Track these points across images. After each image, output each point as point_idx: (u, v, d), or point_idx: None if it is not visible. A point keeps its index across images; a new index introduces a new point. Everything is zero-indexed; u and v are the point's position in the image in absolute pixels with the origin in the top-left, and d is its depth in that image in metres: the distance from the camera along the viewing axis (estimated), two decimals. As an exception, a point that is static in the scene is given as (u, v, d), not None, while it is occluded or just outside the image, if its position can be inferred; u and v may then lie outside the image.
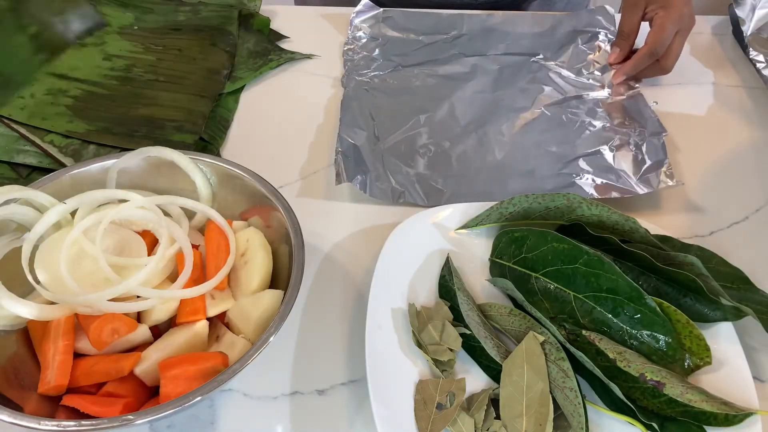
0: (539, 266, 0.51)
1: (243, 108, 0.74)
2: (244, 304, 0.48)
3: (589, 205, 0.53)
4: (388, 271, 0.53)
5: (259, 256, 0.49)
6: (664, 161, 0.63)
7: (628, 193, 0.61)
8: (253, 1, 0.87)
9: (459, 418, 0.45)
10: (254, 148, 0.69)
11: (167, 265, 0.49)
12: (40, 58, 0.74)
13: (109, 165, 0.53)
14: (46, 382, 0.43)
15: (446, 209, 0.58)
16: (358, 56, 0.79)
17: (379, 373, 0.46)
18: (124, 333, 0.45)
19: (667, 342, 0.47)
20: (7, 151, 0.65)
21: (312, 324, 0.53)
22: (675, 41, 0.72)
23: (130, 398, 0.44)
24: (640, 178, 0.62)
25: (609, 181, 0.63)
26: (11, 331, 0.47)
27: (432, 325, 0.50)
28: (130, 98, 0.71)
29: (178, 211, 0.53)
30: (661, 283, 0.51)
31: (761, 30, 0.80)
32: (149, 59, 0.77)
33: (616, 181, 0.63)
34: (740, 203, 0.63)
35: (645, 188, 0.61)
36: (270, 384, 0.50)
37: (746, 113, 0.73)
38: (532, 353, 0.46)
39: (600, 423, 0.45)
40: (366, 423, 0.48)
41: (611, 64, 0.76)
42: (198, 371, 0.43)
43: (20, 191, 0.48)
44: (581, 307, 0.49)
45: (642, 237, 0.52)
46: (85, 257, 0.48)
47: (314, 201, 0.63)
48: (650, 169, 0.63)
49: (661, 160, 0.63)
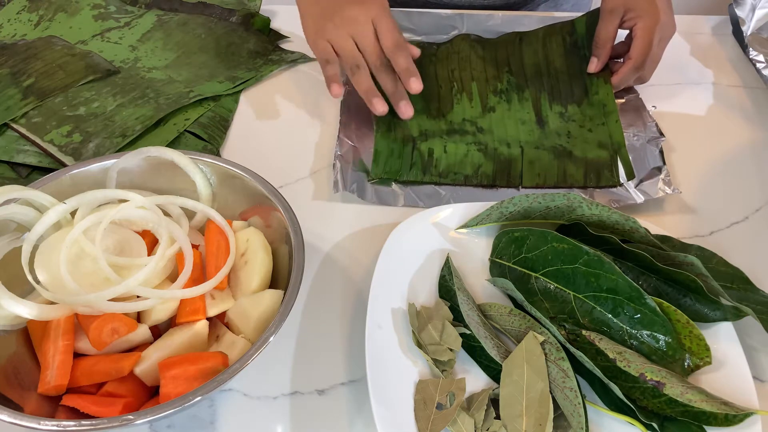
0: (539, 266, 0.51)
1: (243, 108, 0.74)
2: (244, 304, 0.48)
3: (589, 205, 0.53)
4: (388, 271, 0.53)
5: (259, 256, 0.49)
6: (662, 168, 0.63)
7: (626, 201, 0.61)
8: (253, 1, 0.87)
9: (459, 418, 0.45)
10: (254, 148, 0.69)
11: (167, 265, 0.49)
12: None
13: (109, 165, 0.53)
14: (46, 382, 0.43)
15: (446, 209, 0.58)
16: None
17: (379, 373, 0.46)
18: (124, 333, 0.45)
19: (667, 342, 0.47)
20: (7, 150, 0.65)
21: (312, 324, 0.53)
22: (655, 50, 0.69)
23: (130, 398, 0.44)
24: (638, 187, 0.62)
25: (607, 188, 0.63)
26: (11, 331, 0.47)
27: (432, 325, 0.50)
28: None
29: (178, 211, 0.53)
30: (661, 283, 0.51)
31: (761, 30, 0.80)
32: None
33: (614, 189, 0.63)
34: (740, 203, 0.63)
35: (642, 197, 0.61)
36: (270, 384, 0.50)
37: (746, 113, 0.73)
38: (532, 353, 0.46)
39: (600, 423, 0.45)
40: (366, 423, 0.48)
41: (591, 73, 0.74)
42: (198, 371, 0.43)
43: (20, 191, 0.48)
44: (581, 307, 0.49)
45: (642, 237, 0.52)
46: (85, 257, 0.48)
47: (314, 201, 0.63)
48: (649, 176, 0.63)
49: (659, 167, 0.63)
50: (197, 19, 0.84)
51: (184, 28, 0.83)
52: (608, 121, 0.69)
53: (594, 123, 0.69)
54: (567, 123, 0.70)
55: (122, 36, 0.82)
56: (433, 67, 0.76)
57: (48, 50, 0.76)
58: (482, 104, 0.72)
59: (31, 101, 0.70)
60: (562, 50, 0.77)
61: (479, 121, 0.70)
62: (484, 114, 0.71)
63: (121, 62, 0.78)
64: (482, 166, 0.65)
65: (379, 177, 0.64)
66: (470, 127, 0.69)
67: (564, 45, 0.77)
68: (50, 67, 0.74)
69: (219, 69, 0.77)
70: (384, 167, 0.64)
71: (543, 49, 0.77)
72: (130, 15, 0.85)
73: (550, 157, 0.65)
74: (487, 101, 0.72)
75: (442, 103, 0.72)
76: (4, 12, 0.84)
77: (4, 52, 0.76)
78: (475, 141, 0.67)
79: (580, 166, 0.65)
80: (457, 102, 0.72)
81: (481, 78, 0.75)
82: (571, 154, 0.66)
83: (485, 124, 0.70)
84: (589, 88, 0.73)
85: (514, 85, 0.74)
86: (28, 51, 0.76)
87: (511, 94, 0.73)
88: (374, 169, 0.64)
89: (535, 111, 0.71)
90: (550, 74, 0.75)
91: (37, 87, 0.72)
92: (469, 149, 0.66)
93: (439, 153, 0.66)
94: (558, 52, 0.77)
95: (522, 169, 0.65)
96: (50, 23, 0.83)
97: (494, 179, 0.64)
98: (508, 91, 0.73)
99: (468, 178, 0.64)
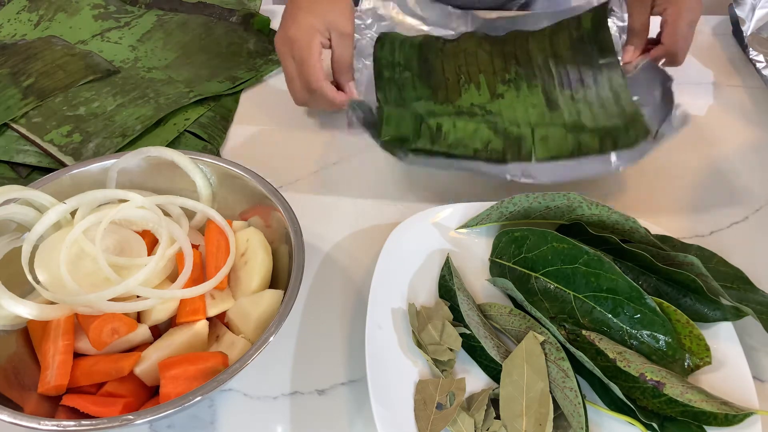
0: (539, 266, 0.51)
1: (243, 108, 0.74)
2: (244, 304, 0.48)
3: (589, 205, 0.53)
4: (388, 271, 0.53)
5: (259, 256, 0.49)
6: (675, 106, 0.62)
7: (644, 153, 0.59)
8: (253, 1, 0.87)
9: (459, 418, 0.45)
10: (254, 148, 0.69)
11: (167, 265, 0.49)
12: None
13: (109, 165, 0.53)
14: (46, 382, 0.43)
15: (446, 209, 0.58)
16: (366, 37, 0.77)
17: (379, 373, 0.46)
18: (124, 333, 0.45)
19: (667, 342, 0.47)
20: (7, 150, 0.65)
21: (312, 324, 0.53)
22: (686, 32, 0.70)
23: (130, 398, 0.44)
24: (656, 136, 0.61)
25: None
26: (11, 331, 0.47)
27: (432, 325, 0.50)
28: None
29: (178, 211, 0.53)
30: (661, 283, 0.51)
31: (761, 30, 0.80)
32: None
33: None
34: (740, 203, 0.63)
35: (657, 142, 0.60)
36: (270, 384, 0.50)
37: (746, 113, 0.73)
38: (532, 353, 0.46)
39: (600, 423, 0.45)
40: (366, 423, 0.48)
41: (627, 61, 0.73)
42: (198, 371, 0.43)
43: (20, 191, 0.48)
44: (581, 307, 0.49)
45: (642, 237, 0.52)
46: (85, 257, 0.48)
47: (314, 201, 0.63)
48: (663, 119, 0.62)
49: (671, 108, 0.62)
50: (197, 19, 0.84)
51: (184, 28, 0.83)
52: (622, 96, 0.67)
53: (607, 106, 0.67)
54: (578, 104, 0.68)
55: (122, 36, 0.82)
56: (440, 61, 0.75)
57: (48, 50, 0.76)
58: (491, 92, 0.71)
59: (31, 101, 0.70)
60: (569, 44, 0.76)
61: (488, 105, 0.69)
62: (493, 100, 0.69)
63: (121, 62, 0.78)
64: (492, 142, 0.63)
65: (390, 137, 0.62)
66: (479, 110, 0.68)
67: (570, 39, 0.76)
68: (50, 67, 0.74)
69: (219, 69, 0.77)
70: (395, 129, 0.63)
71: (550, 45, 0.76)
72: (130, 15, 0.85)
73: (563, 132, 0.64)
74: (495, 89, 0.71)
75: (450, 91, 0.71)
76: (4, 12, 0.84)
77: (4, 52, 0.76)
78: (485, 120, 0.66)
79: (595, 136, 0.63)
80: (465, 91, 0.71)
81: (489, 70, 0.73)
82: (584, 126, 0.64)
83: (494, 108, 0.68)
84: (600, 78, 0.71)
85: (522, 75, 0.72)
86: (28, 51, 0.76)
87: (519, 83, 0.71)
88: (385, 129, 0.62)
89: (545, 96, 0.70)
90: (558, 64, 0.74)
91: (37, 87, 0.72)
92: (478, 126, 0.65)
93: (448, 128, 0.64)
94: (565, 46, 0.76)
95: (534, 145, 0.63)
96: (50, 23, 0.83)
97: (504, 154, 0.62)
98: (516, 80, 0.72)
99: (478, 152, 0.62)
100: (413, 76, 0.72)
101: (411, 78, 0.72)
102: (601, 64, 0.72)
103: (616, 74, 0.70)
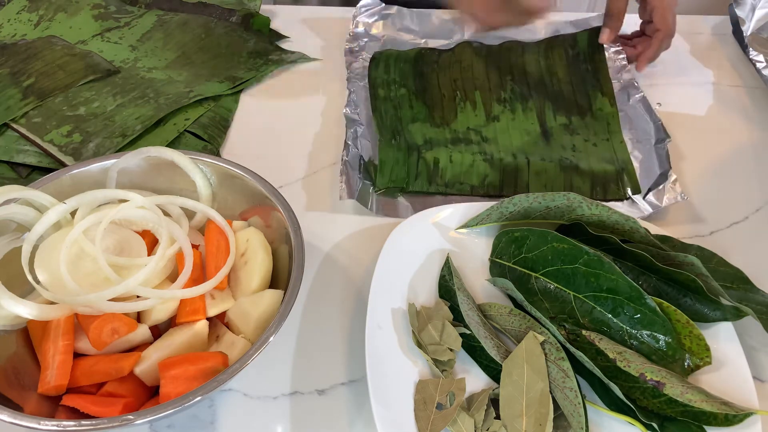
0: (539, 266, 0.51)
1: (243, 108, 0.74)
2: (244, 304, 0.48)
3: (590, 205, 0.53)
4: (388, 271, 0.53)
5: (259, 256, 0.49)
6: (669, 174, 0.62)
7: (634, 215, 0.58)
8: (253, 1, 0.87)
9: (459, 418, 0.45)
10: (254, 148, 0.69)
11: (167, 265, 0.49)
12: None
13: (109, 165, 0.53)
14: (46, 382, 0.43)
15: (446, 209, 0.58)
16: (360, 58, 0.78)
17: (379, 373, 0.46)
18: (124, 333, 0.45)
19: (667, 342, 0.47)
20: (7, 150, 0.65)
21: (312, 324, 0.53)
22: (674, 15, 0.74)
23: (130, 398, 0.44)
24: (646, 198, 0.62)
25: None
26: (11, 331, 0.47)
27: (432, 325, 0.50)
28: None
29: (178, 211, 0.53)
30: (661, 283, 0.51)
31: (761, 30, 0.80)
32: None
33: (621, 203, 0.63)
34: (740, 203, 0.63)
35: (650, 208, 0.60)
36: (270, 384, 0.50)
37: (746, 113, 0.73)
38: (532, 353, 0.46)
39: (600, 423, 0.45)
40: (366, 423, 0.48)
41: (603, 42, 0.77)
42: (198, 371, 0.43)
43: (20, 191, 0.48)
44: (581, 307, 0.49)
45: (642, 237, 0.52)
46: (85, 257, 0.48)
47: (314, 201, 0.63)
48: (655, 183, 0.62)
49: (665, 173, 0.62)
50: (197, 19, 0.84)
51: (184, 28, 0.83)
52: (613, 140, 0.68)
53: (599, 138, 0.69)
54: (572, 136, 0.69)
55: (122, 36, 0.82)
56: (436, 75, 0.76)
57: (48, 50, 0.76)
58: (486, 113, 0.72)
59: (31, 101, 0.70)
60: (564, 62, 0.77)
61: (483, 130, 0.70)
62: (488, 123, 0.71)
63: (121, 62, 0.78)
64: (488, 176, 0.64)
65: (385, 187, 0.63)
66: (475, 136, 0.69)
67: (566, 56, 0.77)
68: (50, 67, 0.74)
69: (219, 69, 0.77)
70: (390, 177, 0.64)
71: (545, 60, 0.77)
72: (130, 15, 0.85)
73: (556, 170, 0.65)
74: (491, 110, 0.72)
75: (446, 111, 0.72)
76: (4, 12, 0.84)
77: (4, 52, 0.76)
78: (481, 151, 0.67)
79: (587, 179, 0.64)
80: (461, 110, 0.72)
81: (484, 87, 0.75)
82: (578, 167, 0.65)
83: (490, 134, 0.69)
84: (593, 101, 0.73)
85: (518, 93, 0.74)
86: (28, 51, 0.76)
87: (514, 104, 0.73)
88: (379, 179, 0.63)
89: (540, 121, 0.71)
90: (553, 84, 0.75)
91: (37, 87, 0.72)
92: (474, 159, 0.66)
93: (445, 163, 0.65)
94: (560, 63, 0.77)
95: (528, 180, 0.64)
96: (50, 23, 0.83)
97: (501, 189, 0.64)
98: (512, 100, 0.73)
99: (474, 188, 0.64)
100: (409, 93, 0.74)
101: (407, 95, 0.73)
102: (595, 88, 0.74)
103: (609, 105, 0.72)
